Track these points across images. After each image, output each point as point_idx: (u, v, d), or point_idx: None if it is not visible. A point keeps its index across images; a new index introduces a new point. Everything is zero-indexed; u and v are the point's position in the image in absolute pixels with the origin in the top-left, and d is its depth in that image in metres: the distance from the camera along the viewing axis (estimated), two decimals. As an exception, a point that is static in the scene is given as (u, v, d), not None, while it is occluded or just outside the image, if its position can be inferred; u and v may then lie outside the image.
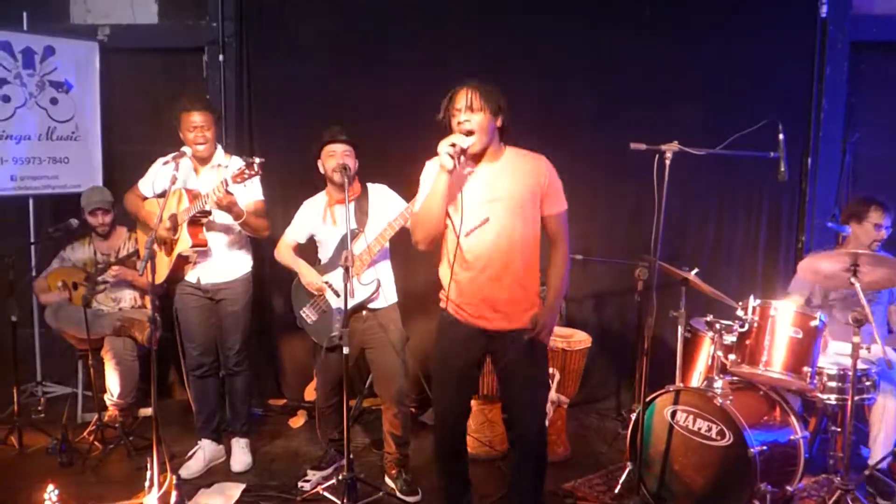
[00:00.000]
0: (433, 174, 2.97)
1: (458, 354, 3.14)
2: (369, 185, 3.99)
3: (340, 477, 3.59)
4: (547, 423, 3.54)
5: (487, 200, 2.98)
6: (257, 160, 3.54)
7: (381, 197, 3.95)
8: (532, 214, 3.03)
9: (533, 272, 3.11)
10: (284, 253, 4.09)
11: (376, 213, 3.88)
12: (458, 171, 2.94)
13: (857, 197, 4.38)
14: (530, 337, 3.00)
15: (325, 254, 4.00)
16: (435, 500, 3.60)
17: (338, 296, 3.83)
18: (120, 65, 5.44)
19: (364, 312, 3.89)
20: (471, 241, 3.00)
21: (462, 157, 2.87)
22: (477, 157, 3.00)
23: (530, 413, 3.15)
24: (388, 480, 4.03)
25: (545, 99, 5.12)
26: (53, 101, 5.22)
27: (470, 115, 2.89)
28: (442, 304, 3.17)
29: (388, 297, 3.94)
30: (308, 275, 3.95)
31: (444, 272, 3.14)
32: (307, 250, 4.14)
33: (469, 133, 2.88)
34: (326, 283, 3.91)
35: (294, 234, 4.09)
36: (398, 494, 3.89)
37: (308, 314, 4.01)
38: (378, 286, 3.84)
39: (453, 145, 2.82)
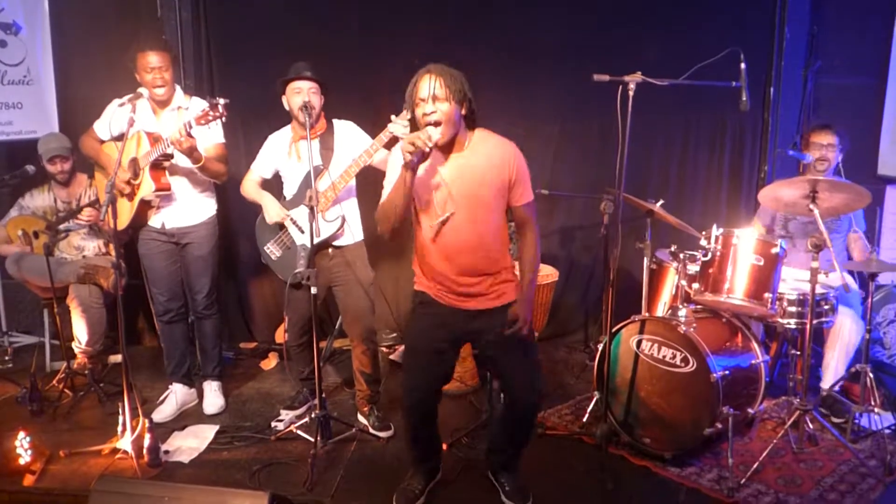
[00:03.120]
0: (398, 167, 2.85)
1: (432, 336, 3.07)
2: (335, 121, 3.93)
3: (313, 415, 3.63)
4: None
5: (454, 191, 2.91)
6: (221, 101, 3.47)
7: (347, 133, 3.90)
8: (499, 203, 2.97)
9: (503, 255, 3.06)
10: (250, 187, 4.05)
11: (342, 150, 3.83)
12: (425, 166, 2.87)
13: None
14: (511, 332, 2.95)
15: (289, 190, 3.96)
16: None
17: (302, 232, 3.81)
18: (70, 5, 5.24)
19: (330, 250, 3.87)
20: (439, 233, 2.96)
21: (426, 151, 2.74)
22: (443, 147, 2.90)
23: (522, 381, 3.08)
24: (360, 417, 4.08)
25: (509, 34, 5.06)
26: (3, 44, 5.04)
27: (435, 106, 2.79)
28: (416, 287, 3.14)
29: (355, 233, 3.92)
30: (271, 208, 3.91)
31: (417, 260, 3.11)
32: (273, 188, 4.08)
33: (436, 124, 2.78)
34: (290, 218, 3.88)
35: (259, 168, 4.03)
36: (371, 430, 3.95)
37: (272, 250, 3.99)
38: (343, 222, 3.81)
39: (412, 143, 2.69)
